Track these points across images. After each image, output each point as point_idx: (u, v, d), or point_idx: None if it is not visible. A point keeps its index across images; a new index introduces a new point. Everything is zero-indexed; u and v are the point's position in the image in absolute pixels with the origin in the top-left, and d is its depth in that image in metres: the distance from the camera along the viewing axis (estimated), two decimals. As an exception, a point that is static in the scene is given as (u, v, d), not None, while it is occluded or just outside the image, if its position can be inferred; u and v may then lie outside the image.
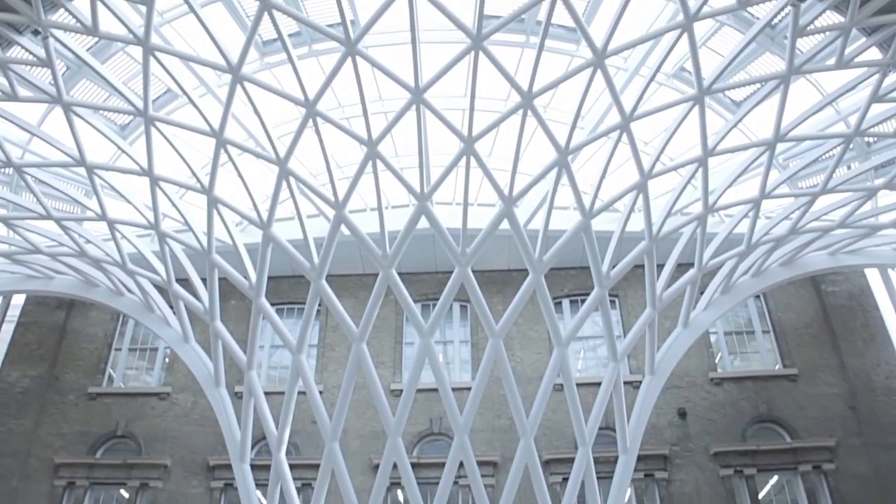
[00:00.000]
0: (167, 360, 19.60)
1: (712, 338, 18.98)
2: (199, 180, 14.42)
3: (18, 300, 21.46)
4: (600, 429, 15.54)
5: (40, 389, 19.33)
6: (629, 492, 16.29)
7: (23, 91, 13.32)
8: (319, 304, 16.65)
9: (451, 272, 15.14)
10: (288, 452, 15.53)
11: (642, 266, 15.59)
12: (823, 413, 17.67)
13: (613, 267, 15.29)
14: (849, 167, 15.75)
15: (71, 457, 18.30)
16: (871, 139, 15.32)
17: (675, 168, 14.72)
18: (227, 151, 13.98)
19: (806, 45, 13.09)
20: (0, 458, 18.46)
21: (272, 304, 16.27)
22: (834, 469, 16.96)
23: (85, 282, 18.25)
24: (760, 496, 16.82)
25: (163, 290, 17.35)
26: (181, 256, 16.46)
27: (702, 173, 14.27)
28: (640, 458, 15.63)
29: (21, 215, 16.05)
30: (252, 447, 16.14)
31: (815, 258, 17.77)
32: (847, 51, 12.45)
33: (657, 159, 14.03)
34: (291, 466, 15.41)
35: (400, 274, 15.15)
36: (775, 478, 17.25)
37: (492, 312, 15.12)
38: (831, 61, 12.72)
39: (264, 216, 14.73)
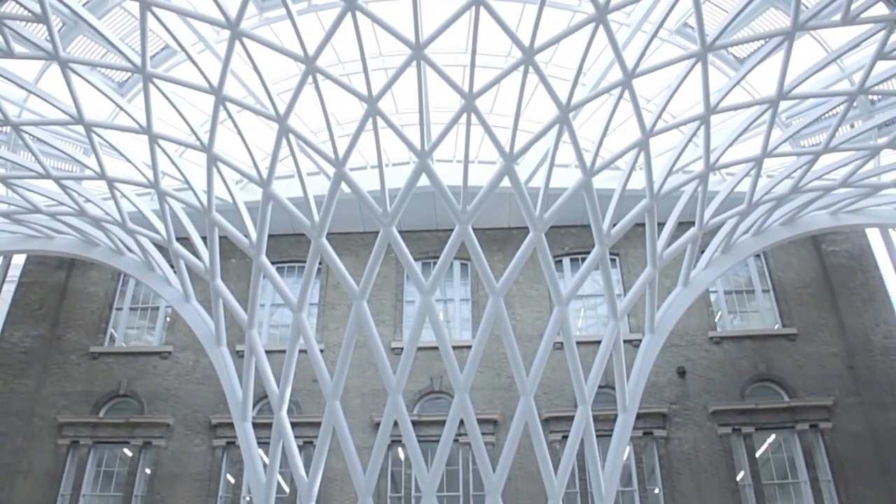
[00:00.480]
0: (168, 319, 19.66)
1: (712, 297, 19.01)
2: (198, 138, 14.32)
3: (19, 260, 21.46)
4: (600, 387, 15.66)
5: (42, 349, 19.42)
6: (628, 449, 16.42)
7: (18, 48, 13.13)
8: (320, 263, 16.67)
9: (451, 230, 15.10)
10: (289, 411, 15.64)
11: (643, 224, 15.55)
12: (821, 372, 17.77)
13: (614, 225, 15.25)
14: (852, 126, 15.62)
15: (74, 416, 18.45)
16: (875, 97, 15.16)
17: (676, 126, 14.61)
18: (226, 109, 13.83)
19: (811, 0, 12.92)
20: (4, 417, 18.63)
21: (272, 263, 16.28)
22: (831, 428, 17.10)
23: (85, 241, 18.23)
24: (758, 454, 16.99)
25: (163, 249, 17.35)
26: (181, 215, 16.43)
27: (704, 131, 14.16)
28: (639, 417, 15.76)
29: (20, 174, 15.96)
30: (253, 405, 16.26)
31: (816, 217, 17.73)
32: (853, 6, 12.25)
33: (659, 117, 13.91)
34: (293, 424, 15.54)
35: (400, 232, 15.11)
36: (773, 436, 17.41)
37: (492, 271, 15.13)
38: (837, 17, 12.51)
39: (264, 174, 14.64)
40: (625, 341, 16.06)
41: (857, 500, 16.42)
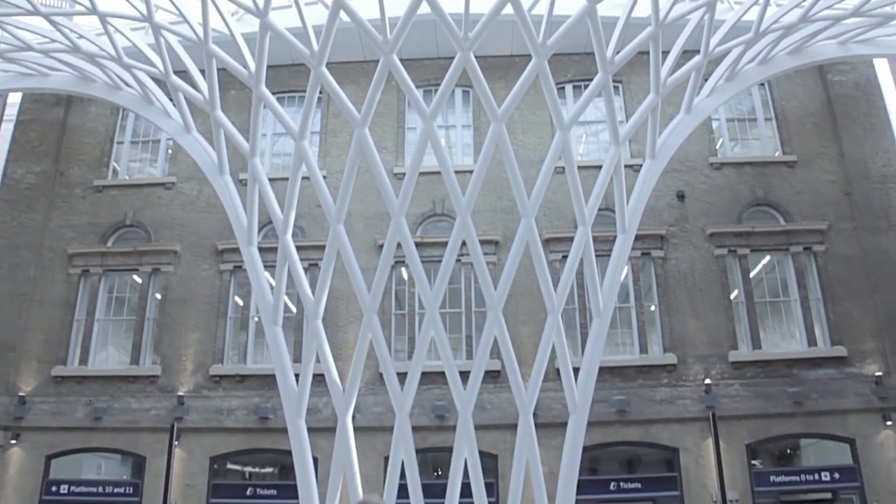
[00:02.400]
0: (170, 151, 19.69)
1: (714, 124, 18.97)
2: (190, -36, 13.79)
3: (15, 98, 21.28)
4: (600, 210, 15.85)
5: (46, 185, 19.56)
6: (626, 269, 16.91)
7: None
8: (320, 92, 16.48)
9: (453, 58, 14.81)
10: (294, 235, 15.86)
11: (647, 52, 15.26)
12: (818, 198, 18.03)
13: (618, 52, 14.96)
14: (865, -48, 15.07)
15: (83, 247, 18.86)
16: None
17: (685, -53, 14.05)
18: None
19: None
20: (15, 250, 19.05)
21: (272, 93, 16.06)
22: (824, 250, 17.55)
23: (81, 77, 17.93)
24: (752, 274, 17.54)
25: (161, 83, 17.11)
26: (178, 48, 16.09)
27: (713, -46, 13.64)
28: (637, 238, 16.07)
29: (8, 12, 15.52)
30: (259, 231, 16.50)
31: (824, 47, 17.38)
32: None
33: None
34: (298, 248, 15.81)
35: (401, 60, 14.80)
36: (767, 258, 17.91)
37: (494, 98, 14.96)
38: None
39: (261, 4, 14.19)
40: (625, 166, 16.06)
41: (845, 317, 17.12)
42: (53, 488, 17.79)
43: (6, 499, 17.58)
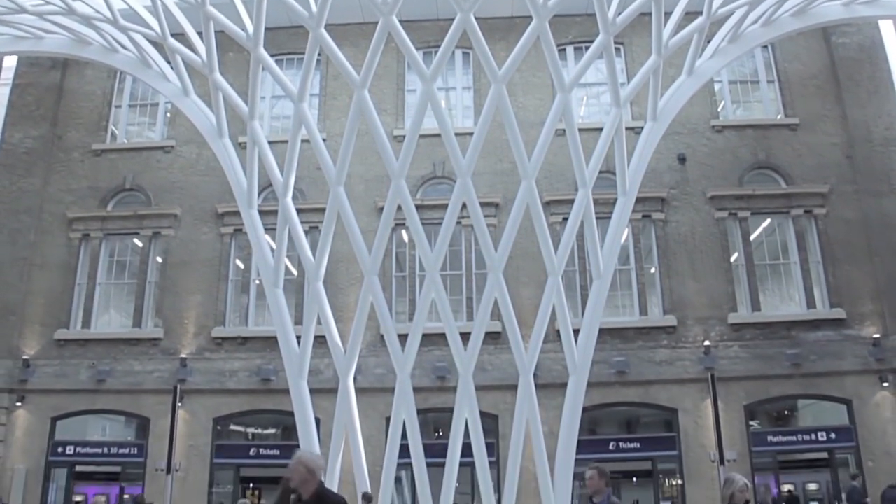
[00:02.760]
0: (168, 114, 19.59)
1: (716, 86, 18.86)
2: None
3: (10, 62, 21.06)
4: (600, 172, 15.79)
5: (45, 149, 19.49)
6: (626, 231, 16.92)
7: None
8: (319, 54, 16.32)
9: (453, 19, 14.66)
10: (294, 198, 15.84)
11: (649, 14, 15.09)
12: (820, 161, 17.97)
13: (619, 14, 14.81)
14: None
15: (83, 211, 18.86)
16: None
17: None
18: None
19: None
20: (15, 215, 19.04)
21: (271, 56, 15.93)
22: (824, 213, 17.54)
23: (77, 40, 17.75)
24: (752, 237, 17.55)
25: (158, 46, 16.96)
26: (175, 10, 15.92)
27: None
28: (638, 200, 16.05)
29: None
30: (259, 194, 16.45)
31: (828, 8, 17.20)
32: None
33: None
34: (298, 211, 15.81)
35: (401, 21, 14.67)
36: (768, 220, 17.91)
37: (495, 59, 14.83)
38: None
39: (258, -35, 14.03)
40: (626, 129, 15.99)
41: (844, 280, 17.17)
42: (59, 449, 18.03)
43: (13, 459, 17.82)
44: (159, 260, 18.61)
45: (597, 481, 6.16)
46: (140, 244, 18.70)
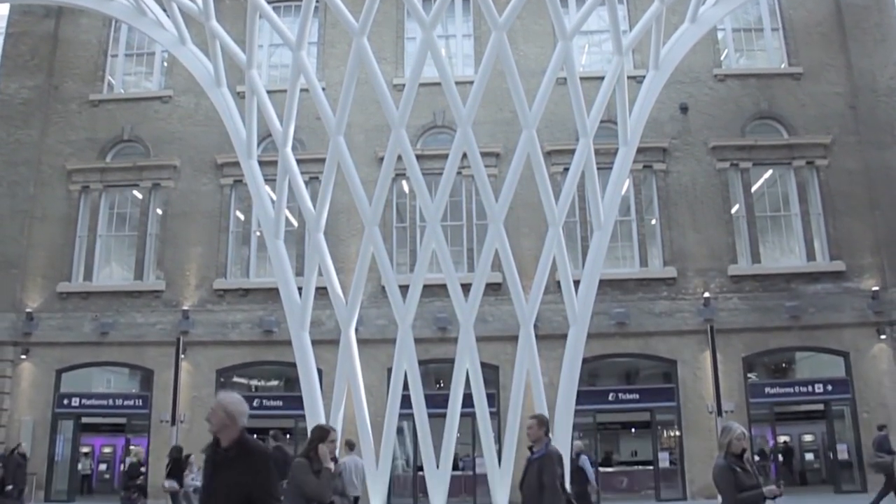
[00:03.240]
0: (165, 63, 19.39)
1: (719, 35, 18.62)
2: None
3: (3, 11, 20.77)
4: (602, 122, 15.64)
5: (41, 100, 19.32)
6: (627, 182, 16.85)
7: None
8: (317, 1, 16.09)
9: (452, -36, 14.45)
10: (293, 148, 15.70)
11: (652, -41, 14.84)
12: (823, 111, 17.82)
13: (622, -41, 14.57)
14: None
15: (81, 163, 18.78)
16: None
17: None
18: None
19: None
20: (13, 167, 18.96)
21: (268, 3, 15.71)
22: (826, 165, 17.45)
23: (69, -13, 17.47)
24: (753, 189, 17.49)
25: (153, -8, 16.69)
26: (170, -43, 15.62)
27: None
28: (639, 150, 15.90)
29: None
30: (258, 144, 16.35)
31: (837, -48, 16.90)
32: None
33: None
34: (298, 161, 15.68)
35: (399, -33, 14.47)
36: (769, 171, 17.83)
37: (495, 6, 14.60)
38: None
39: None
40: (628, 77, 15.79)
41: (844, 231, 17.16)
42: (65, 401, 18.22)
43: (20, 412, 18.02)
44: (159, 212, 18.59)
45: (536, 430, 5.95)
46: (140, 196, 18.66)
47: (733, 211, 17.74)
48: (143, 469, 12.49)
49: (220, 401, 3.88)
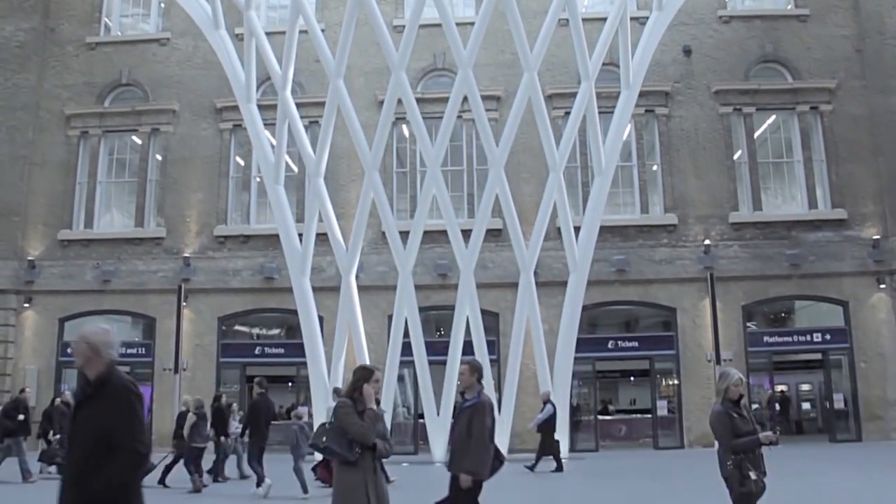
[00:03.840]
0: (163, 5, 19.12)
1: (725, -26, 18.29)
2: None
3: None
4: (604, 64, 15.51)
5: (37, 42, 19.09)
6: (629, 127, 16.72)
7: None
8: (316, -60, 15.86)
9: None
10: (293, 92, 15.63)
11: None
12: (829, 55, 17.59)
13: None
14: None
15: (80, 107, 18.63)
16: None
17: None
18: None
19: None
20: (11, 112, 18.82)
21: (265, -58, 15.50)
22: (831, 110, 17.28)
23: (62, -74, 17.18)
24: (756, 134, 17.34)
25: (147, -68, 16.43)
26: None
27: None
28: (641, 94, 15.82)
29: None
30: (257, 88, 16.23)
31: None
32: None
33: None
34: (297, 105, 15.65)
35: None
36: (773, 117, 17.65)
37: (497, -55, 14.39)
38: None
39: None
40: (631, 19, 15.61)
41: (847, 178, 17.06)
42: (68, 350, 18.25)
43: (25, 360, 18.13)
44: (159, 157, 18.49)
45: (468, 377, 5.62)
46: (139, 141, 18.56)
47: (735, 157, 17.61)
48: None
49: (82, 333, 3.51)
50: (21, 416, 12.32)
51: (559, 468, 13.13)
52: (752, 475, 4.97)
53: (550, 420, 13.58)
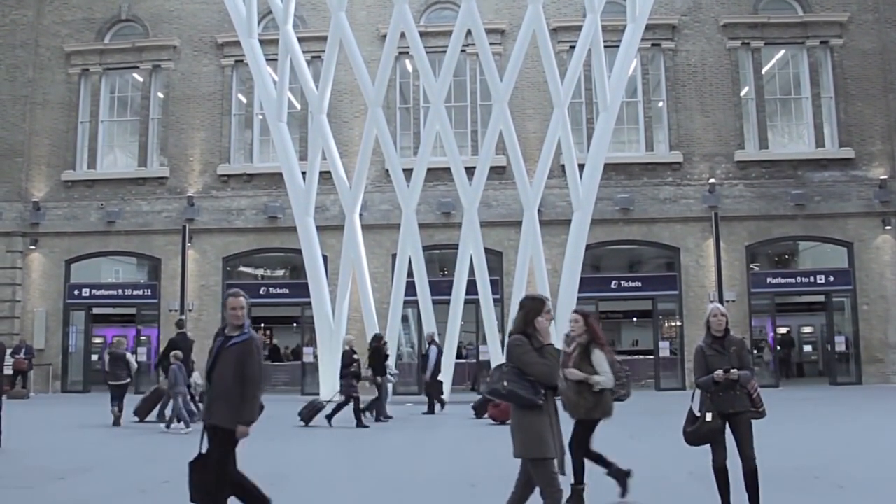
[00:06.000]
0: (161, -62, 18.80)
1: None
2: None
3: None
4: (610, -3, 15.26)
5: (34, -24, 18.80)
6: (635, 61, 16.47)
7: None
8: None
9: None
10: (294, 26, 15.38)
11: None
12: (840, -13, 17.23)
13: None
14: None
15: (80, 44, 18.42)
16: None
17: None
18: None
19: None
20: (10, 49, 18.63)
21: None
22: (841, 45, 16.96)
23: None
24: (764, 70, 17.06)
25: None
26: None
27: None
28: (648, 28, 15.51)
29: None
30: (258, 22, 15.95)
31: None
32: None
33: None
34: (299, 39, 15.40)
35: None
36: (781, 52, 17.36)
37: None
38: None
39: None
40: (639, -51, 15.27)
41: (855, 116, 16.86)
42: (75, 292, 18.41)
43: (32, 303, 18.25)
44: (161, 95, 18.33)
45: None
46: (140, 79, 18.38)
47: (743, 93, 17.36)
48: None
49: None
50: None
51: (430, 411, 13.30)
52: (709, 416, 4.93)
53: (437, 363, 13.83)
